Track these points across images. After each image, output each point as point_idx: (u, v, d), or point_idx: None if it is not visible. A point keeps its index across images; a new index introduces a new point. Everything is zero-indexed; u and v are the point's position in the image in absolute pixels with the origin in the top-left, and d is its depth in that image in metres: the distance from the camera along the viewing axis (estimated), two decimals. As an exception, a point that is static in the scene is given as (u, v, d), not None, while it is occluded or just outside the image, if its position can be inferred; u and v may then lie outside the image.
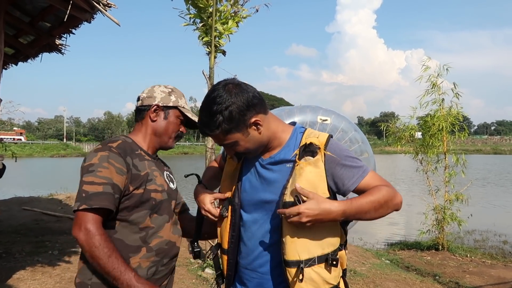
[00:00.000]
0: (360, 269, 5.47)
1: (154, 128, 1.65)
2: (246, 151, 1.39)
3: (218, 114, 1.30)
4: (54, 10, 3.93)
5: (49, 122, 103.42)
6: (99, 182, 1.40)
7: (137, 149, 1.59)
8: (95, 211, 1.39)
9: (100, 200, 1.38)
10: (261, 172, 1.43)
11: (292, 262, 1.30)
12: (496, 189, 19.01)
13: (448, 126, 6.89)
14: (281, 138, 1.43)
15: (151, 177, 1.55)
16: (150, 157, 1.64)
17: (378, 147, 76.76)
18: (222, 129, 1.32)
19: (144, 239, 1.51)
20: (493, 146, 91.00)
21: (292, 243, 1.31)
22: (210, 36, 5.07)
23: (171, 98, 1.66)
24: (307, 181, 1.32)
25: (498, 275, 5.59)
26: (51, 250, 5.33)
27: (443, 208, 6.93)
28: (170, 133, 1.66)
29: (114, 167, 1.44)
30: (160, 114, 1.65)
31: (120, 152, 1.49)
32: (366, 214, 1.30)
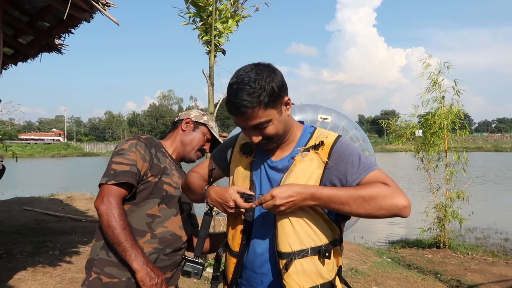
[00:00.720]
0: (362, 268, 5.47)
1: (182, 137, 1.88)
2: (275, 133, 1.35)
3: (261, 89, 1.28)
4: (53, 9, 3.92)
5: (49, 122, 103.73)
6: (126, 163, 1.61)
7: (162, 148, 1.81)
8: (120, 186, 1.57)
9: (126, 177, 1.57)
10: (269, 174, 1.43)
11: (285, 254, 1.31)
12: (497, 186, 19.01)
13: (449, 124, 6.88)
14: (295, 134, 1.45)
15: (168, 171, 1.74)
16: (173, 160, 1.84)
17: (379, 145, 76.74)
18: (264, 103, 1.29)
19: (149, 225, 1.64)
20: (494, 143, 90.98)
21: (283, 234, 1.32)
22: (210, 35, 5.06)
23: (203, 117, 1.92)
24: (296, 177, 1.34)
25: (500, 272, 5.58)
26: (52, 250, 5.34)
27: (444, 206, 6.92)
28: (194, 145, 1.87)
29: (140, 153, 1.65)
30: (190, 126, 1.89)
31: (146, 142, 1.71)
32: (343, 205, 1.26)
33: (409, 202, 1.27)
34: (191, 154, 1.88)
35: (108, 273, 1.55)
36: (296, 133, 1.45)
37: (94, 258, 1.60)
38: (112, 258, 1.57)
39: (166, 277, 1.67)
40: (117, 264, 1.56)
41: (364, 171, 1.32)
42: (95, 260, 1.59)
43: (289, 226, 1.33)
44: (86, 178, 19.40)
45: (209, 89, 5.15)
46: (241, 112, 1.30)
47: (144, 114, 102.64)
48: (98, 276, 1.55)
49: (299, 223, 1.32)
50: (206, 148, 1.92)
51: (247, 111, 1.29)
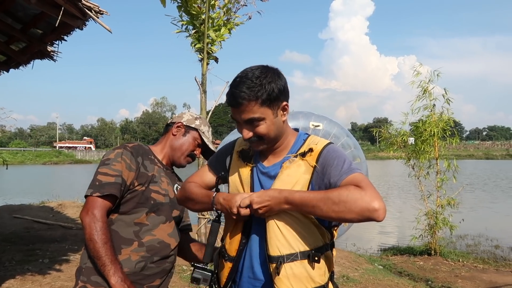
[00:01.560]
0: (353, 275, 5.48)
1: (172, 141, 1.84)
2: (266, 133, 1.38)
3: (261, 86, 1.33)
4: (46, 17, 3.93)
5: (41, 129, 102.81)
6: (112, 174, 1.59)
7: (151, 155, 1.78)
8: (104, 198, 1.56)
9: (110, 188, 1.56)
10: (261, 180, 1.45)
11: (274, 257, 1.33)
12: (487, 194, 19.18)
13: (439, 132, 6.96)
14: (289, 140, 1.48)
15: (156, 179, 1.72)
16: (163, 166, 1.81)
17: (371, 153, 77.15)
18: (261, 100, 1.33)
19: (137, 234, 1.63)
20: (485, 151, 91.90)
21: (271, 238, 1.34)
22: (203, 43, 5.09)
23: (195, 122, 1.87)
24: (282, 182, 1.38)
25: (490, 279, 5.62)
26: (42, 258, 5.28)
27: (435, 213, 6.98)
28: (184, 150, 1.83)
29: (125, 163, 1.63)
30: (181, 130, 1.85)
31: (133, 151, 1.69)
32: (314, 208, 1.26)
33: (383, 205, 1.22)
34: (181, 159, 1.84)
35: (94, 281, 1.55)
36: (290, 139, 1.48)
37: (82, 266, 1.61)
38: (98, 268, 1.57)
39: (155, 285, 1.68)
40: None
41: (344, 173, 1.32)
42: (83, 269, 1.60)
43: (277, 230, 1.35)
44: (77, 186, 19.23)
45: (201, 96, 5.17)
46: (237, 103, 1.34)
47: (137, 121, 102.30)
48: (85, 284, 1.56)
49: (286, 227, 1.34)
50: (197, 153, 1.88)
51: (243, 102, 1.33)
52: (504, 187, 22.38)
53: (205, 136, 1.87)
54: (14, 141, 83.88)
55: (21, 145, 78.59)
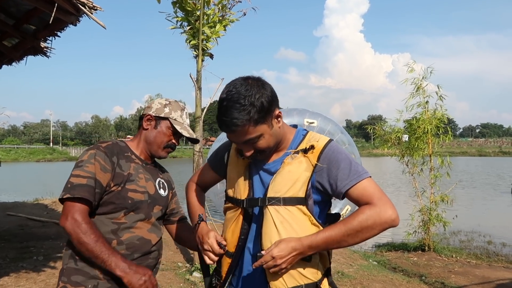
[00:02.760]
0: (348, 271, 5.51)
1: (145, 135, 1.76)
2: (267, 146, 1.38)
3: (250, 106, 1.29)
4: (39, 12, 3.89)
5: (35, 126, 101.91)
6: (84, 175, 1.54)
7: (127, 152, 1.72)
8: (80, 201, 1.51)
9: (81, 191, 1.51)
10: (262, 176, 1.46)
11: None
12: (479, 190, 19.33)
13: (432, 129, 6.99)
14: (288, 139, 1.48)
15: (133, 178, 1.66)
16: (141, 161, 1.75)
17: (366, 150, 77.40)
18: (254, 120, 1.31)
19: (115, 232, 1.60)
20: (478, 148, 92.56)
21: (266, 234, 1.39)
22: (198, 39, 5.07)
23: (164, 110, 1.76)
24: (282, 178, 1.39)
25: (483, 275, 5.68)
26: (36, 255, 5.25)
27: (429, 210, 7.02)
28: (159, 142, 1.75)
29: (99, 164, 1.58)
30: (152, 123, 1.76)
31: (107, 151, 1.62)
32: (340, 243, 1.30)
33: (396, 211, 1.29)
34: (159, 152, 1.77)
35: (74, 282, 1.54)
36: (288, 138, 1.48)
37: (63, 267, 1.60)
38: (79, 267, 1.56)
39: None
40: (84, 272, 1.55)
41: (354, 179, 1.33)
42: (64, 269, 1.59)
43: (272, 226, 1.36)
44: (72, 183, 19.04)
45: (196, 93, 5.16)
46: (231, 130, 1.33)
47: (132, 118, 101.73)
48: (65, 285, 1.55)
49: (282, 224, 1.35)
50: (174, 141, 1.79)
51: (237, 129, 1.31)
52: (495, 184, 22.57)
53: (177, 123, 1.76)
54: (8, 139, 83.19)
55: (15, 142, 77.93)
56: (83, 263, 1.56)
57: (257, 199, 1.42)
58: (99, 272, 1.55)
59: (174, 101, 1.81)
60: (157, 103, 1.79)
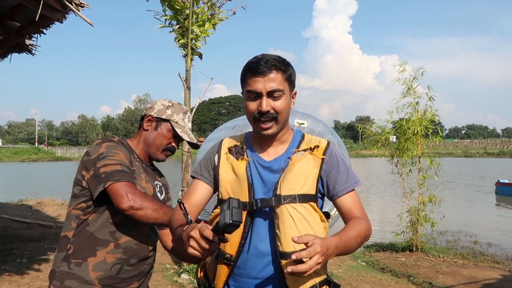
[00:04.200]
0: (337, 272, 5.51)
1: (145, 136, 1.72)
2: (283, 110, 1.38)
3: (288, 64, 1.41)
4: (24, 9, 3.80)
5: (19, 126, 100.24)
6: (114, 163, 1.49)
7: (131, 151, 1.68)
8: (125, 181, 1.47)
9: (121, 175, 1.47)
10: (263, 175, 1.40)
11: (288, 254, 1.28)
12: (464, 191, 19.61)
13: (422, 130, 7.05)
14: (289, 134, 1.49)
15: (136, 175, 1.61)
16: (142, 163, 1.71)
17: (354, 151, 77.97)
18: (287, 74, 1.38)
19: (113, 234, 1.54)
20: (463, 149, 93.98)
21: (286, 234, 1.31)
22: (187, 38, 5.02)
23: (166, 112, 1.72)
24: (295, 175, 1.37)
25: (470, 274, 5.74)
26: (20, 258, 5.13)
27: (417, 210, 7.07)
28: (158, 144, 1.70)
29: (123, 152, 1.57)
30: (153, 124, 1.72)
31: (122, 144, 1.63)
32: (350, 249, 1.30)
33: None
34: (157, 154, 1.72)
35: (68, 286, 1.48)
36: (289, 133, 1.49)
37: (55, 269, 1.53)
38: (72, 271, 1.49)
39: (133, 287, 1.60)
40: (77, 277, 1.49)
41: (351, 185, 1.42)
42: (56, 272, 1.52)
43: (292, 225, 1.32)
44: (57, 183, 18.83)
45: (185, 93, 5.10)
46: (267, 70, 1.34)
47: (119, 118, 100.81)
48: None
49: (301, 222, 1.33)
50: (174, 145, 1.75)
51: (272, 70, 1.35)
52: (479, 184, 22.92)
53: (178, 126, 1.72)
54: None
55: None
56: (77, 267, 1.49)
57: (271, 199, 1.35)
58: (94, 277, 1.49)
59: (177, 104, 1.77)
60: (159, 104, 1.75)
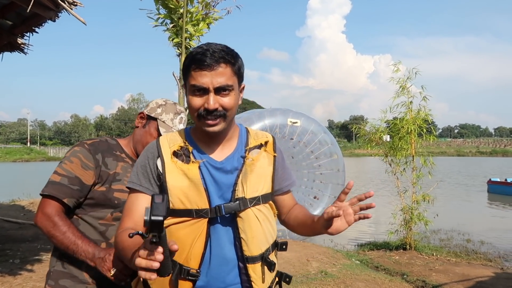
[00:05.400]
0: (331, 270, 5.52)
1: (135, 133, 1.72)
2: (231, 108, 1.25)
3: (236, 55, 1.27)
4: (16, 7, 3.76)
5: (11, 125, 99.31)
6: (60, 173, 1.52)
7: (116, 150, 1.65)
8: (53, 199, 1.49)
9: (52, 189, 1.48)
10: (216, 176, 1.28)
11: (256, 257, 1.28)
12: (458, 189, 19.77)
13: (416, 129, 7.08)
14: (234, 129, 1.37)
15: (119, 177, 1.59)
16: (132, 160, 1.68)
17: (348, 150, 78.22)
18: (236, 67, 1.25)
19: (103, 234, 1.54)
20: (456, 148, 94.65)
21: (254, 238, 1.27)
22: (181, 37, 5.01)
23: (157, 110, 1.70)
24: (257, 176, 1.31)
25: (462, 272, 5.78)
26: (12, 258, 5.09)
27: (410, 209, 7.11)
28: (144, 142, 1.65)
29: (80, 161, 1.53)
30: (143, 122, 1.71)
31: (91, 148, 1.57)
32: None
33: None
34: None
35: (62, 285, 1.50)
36: (235, 128, 1.37)
37: (50, 270, 1.56)
38: (66, 270, 1.51)
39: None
40: (71, 276, 1.50)
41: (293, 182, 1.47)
42: (51, 272, 1.54)
43: (259, 227, 1.29)
44: (50, 183, 18.59)
45: (179, 92, 5.09)
46: (215, 61, 1.20)
47: (113, 118, 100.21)
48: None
49: (265, 222, 1.32)
50: None
51: (221, 63, 1.21)
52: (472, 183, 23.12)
53: (164, 126, 1.66)
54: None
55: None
56: (71, 266, 1.51)
57: (237, 204, 1.26)
58: (88, 276, 1.50)
59: (171, 103, 1.75)
60: (154, 102, 1.74)
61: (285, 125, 7.46)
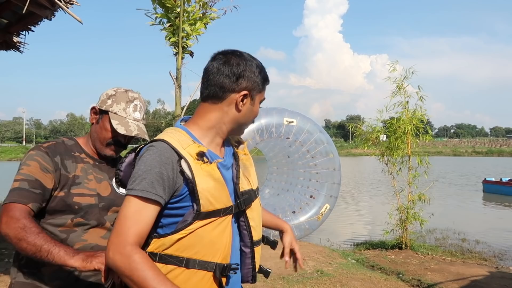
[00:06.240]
0: (327, 269, 5.54)
1: (91, 130, 1.61)
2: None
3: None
4: (12, 6, 3.75)
5: (6, 124, 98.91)
6: (18, 179, 1.42)
7: (75, 151, 1.56)
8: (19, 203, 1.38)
9: (12, 196, 1.38)
10: (224, 173, 1.30)
11: (259, 241, 1.43)
12: (453, 188, 19.86)
13: (412, 129, 7.12)
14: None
15: (79, 180, 1.50)
16: (93, 160, 1.58)
17: (344, 149, 78.43)
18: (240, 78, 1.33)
19: (65, 242, 1.44)
20: (452, 148, 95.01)
21: (258, 226, 1.41)
22: (178, 36, 5.00)
23: (107, 102, 1.57)
24: (253, 169, 1.47)
25: (457, 271, 5.81)
26: (8, 258, 5.08)
27: (406, 208, 7.15)
28: (101, 139, 1.57)
29: (39, 164, 1.44)
30: (96, 117, 1.60)
31: (48, 151, 1.48)
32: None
33: None
34: (103, 149, 1.58)
35: None
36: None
37: (12, 282, 1.48)
38: (28, 280, 1.44)
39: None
40: (35, 286, 1.44)
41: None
42: (13, 284, 1.47)
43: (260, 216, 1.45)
44: (46, 183, 18.53)
45: (176, 91, 5.08)
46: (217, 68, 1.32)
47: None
48: None
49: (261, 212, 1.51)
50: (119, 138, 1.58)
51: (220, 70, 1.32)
52: (467, 182, 23.22)
53: (116, 118, 1.54)
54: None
55: (-15, 140, 75.37)
56: (33, 276, 1.43)
57: (251, 195, 1.37)
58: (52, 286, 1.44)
59: (122, 92, 1.60)
60: (104, 94, 1.60)
61: (281, 124, 7.46)
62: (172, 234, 1.20)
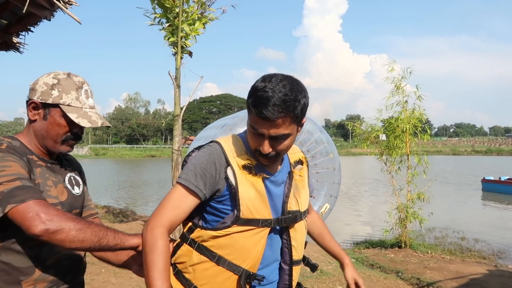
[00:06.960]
0: (327, 268, 5.56)
1: (34, 129, 1.35)
2: (286, 150, 1.31)
3: (296, 101, 1.21)
4: (11, 6, 3.76)
5: (8, 125, 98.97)
6: (9, 179, 1.15)
7: (27, 153, 1.32)
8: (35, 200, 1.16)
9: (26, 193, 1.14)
10: (270, 188, 1.36)
11: (299, 261, 1.47)
12: (453, 187, 19.87)
13: (411, 128, 7.13)
14: None
15: (42, 188, 1.30)
16: (45, 161, 1.38)
17: (344, 149, 78.42)
18: (295, 116, 1.22)
19: (37, 258, 1.27)
20: (452, 147, 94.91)
21: (300, 247, 1.45)
22: (177, 36, 5.02)
23: (52, 93, 1.32)
24: (306, 192, 1.47)
25: (457, 270, 5.83)
26: None
27: (405, 207, 7.16)
28: (54, 136, 1.34)
29: (17, 162, 1.22)
30: (39, 112, 1.34)
31: (13, 152, 1.25)
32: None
33: None
34: (57, 147, 1.36)
35: None
36: None
37: None
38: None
39: None
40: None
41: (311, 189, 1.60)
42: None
43: (304, 237, 1.49)
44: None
45: (175, 91, 5.10)
46: (273, 115, 1.19)
47: (109, 117, 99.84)
48: None
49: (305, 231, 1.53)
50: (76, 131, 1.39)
51: (279, 115, 1.19)
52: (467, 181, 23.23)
53: (72, 110, 1.33)
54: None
55: (-15, 141, 75.39)
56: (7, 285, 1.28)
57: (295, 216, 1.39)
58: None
59: (64, 78, 1.36)
60: (41, 83, 1.33)
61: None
62: (211, 231, 1.30)
